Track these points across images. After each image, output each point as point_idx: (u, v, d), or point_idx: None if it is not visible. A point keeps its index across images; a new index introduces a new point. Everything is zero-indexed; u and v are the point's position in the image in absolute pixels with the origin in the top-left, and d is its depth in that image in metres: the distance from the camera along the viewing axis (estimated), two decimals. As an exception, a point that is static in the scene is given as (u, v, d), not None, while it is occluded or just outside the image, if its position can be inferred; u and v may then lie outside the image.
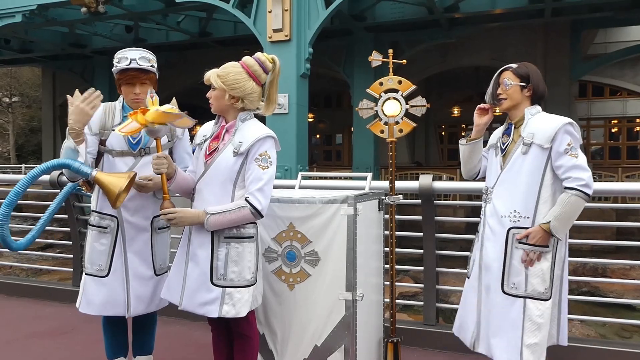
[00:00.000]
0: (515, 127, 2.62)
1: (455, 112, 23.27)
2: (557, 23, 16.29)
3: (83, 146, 2.49)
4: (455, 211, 13.10)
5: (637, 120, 22.87)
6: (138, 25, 16.36)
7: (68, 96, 2.50)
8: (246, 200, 2.40)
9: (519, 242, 2.53)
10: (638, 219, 14.15)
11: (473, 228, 2.84)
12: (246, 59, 2.50)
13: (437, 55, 18.76)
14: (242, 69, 2.47)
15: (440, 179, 15.95)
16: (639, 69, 20.97)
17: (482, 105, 2.75)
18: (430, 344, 3.69)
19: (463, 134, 24.17)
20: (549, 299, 2.52)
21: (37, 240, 2.93)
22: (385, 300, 3.23)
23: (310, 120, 21.98)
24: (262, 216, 2.44)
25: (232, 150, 2.44)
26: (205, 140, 2.55)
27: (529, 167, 2.52)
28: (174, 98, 2.76)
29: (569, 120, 2.49)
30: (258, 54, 2.53)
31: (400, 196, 3.03)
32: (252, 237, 2.51)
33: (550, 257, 2.52)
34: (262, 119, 2.63)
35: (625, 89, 21.82)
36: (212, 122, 2.62)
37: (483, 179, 2.82)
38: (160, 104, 2.48)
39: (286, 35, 10.42)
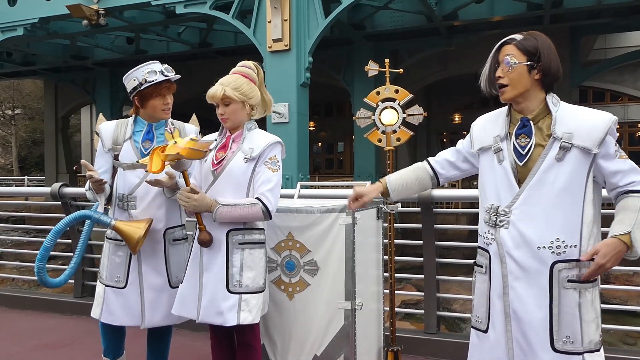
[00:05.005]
0: (534, 123, 1.97)
1: (457, 119, 23.29)
2: (556, 30, 16.30)
3: (102, 196, 2.69)
4: (458, 218, 13.07)
5: (639, 126, 22.86)
6: (139, 36, 16.42)
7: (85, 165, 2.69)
8: (258, 199, 2.43)
9: (569, 281, 1.91)
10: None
11: (475, 235, 2.43)
12: (241, 69, 2.54)
13: (437, 62, 18.78)
14: (245, 78, 2.51)
15: (442, 186, 15.91)
16: (639, 75, 20.99)
17: (352, 197, 2.28)
18: (431, 352, 3.68)
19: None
20: (601, 348, 1.97)
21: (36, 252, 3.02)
22: (385, 308, 3.23)
23: (312, 128, 22.02)
24: (271, 217, 2.47)
25: (243, 157, 2.48)
26: (210, 151, 2.56)
27: (568, 178, 1.90)
28: (194, 114, 2.88)
29: (614, 116, 1.96)
30: (249, 63, 2.59)
31: (399, 205, 3.04)
32: (263, 242, 2.57)
33: (598, 291, 1.96)
34: (263, 128, 2.67)
35: (626, 94, 21.83)
36: (211, 136, 2.65)
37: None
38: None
39: (286, 45, 10.45)
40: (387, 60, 3.08)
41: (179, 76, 2.78)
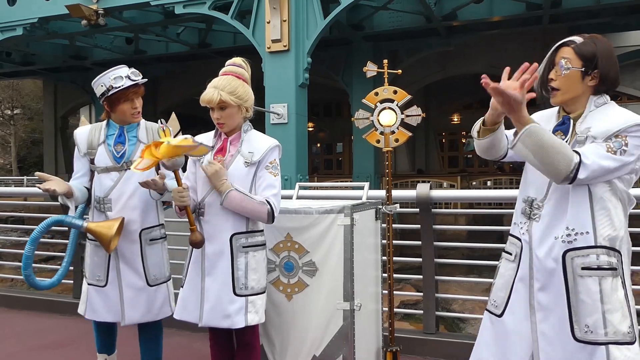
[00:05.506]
0: (574, 122, 1.98)
1: (455, 119, 23.29)
2: (556, 30, 16.28)
3: (72, 201, 2.74)
4: (456, 219, 13.08)
5: (638, 126, 22.87)
6: (138, 37, 16.42)
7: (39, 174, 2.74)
8: (267, 201, 2.43)
9: (583, 269, 1.91)
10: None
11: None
12: (234, 69, 2.51)
13: (436, 63, 18.79)
14: (239, 79, 2.49)
15: (441, 186, 15.95)
16: (638, 74, 21.00)
17: (488, 81, 1.82)
18: (430, 352, 3.69)
19: (463, 140, 24.17)
20: (636, 341, 1.90)
21: (36, 252, 2.99)
22: (384, 309, 3.23)
23: (310, 129, 22.02)
24: (273, 220, 2.48)
25: (244, 161, 2.47)
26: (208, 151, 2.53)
27: None
28: (173, 113, 2.85)
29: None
30: (238, 61, 2.56)
31: (397, 205, 3.04)
32: (264, 244, 2.59)
33: (620, 282, 1.92)
34: (261, 129, 2.67)
35: (625, 94, 21.80)
36: (207, 135, 2.63)
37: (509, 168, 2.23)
38: (162, 116, 2.52)
39: (285, 46, 10.45)
40: (385, 60, 3.09)
41: (145, 80, 2.81)
